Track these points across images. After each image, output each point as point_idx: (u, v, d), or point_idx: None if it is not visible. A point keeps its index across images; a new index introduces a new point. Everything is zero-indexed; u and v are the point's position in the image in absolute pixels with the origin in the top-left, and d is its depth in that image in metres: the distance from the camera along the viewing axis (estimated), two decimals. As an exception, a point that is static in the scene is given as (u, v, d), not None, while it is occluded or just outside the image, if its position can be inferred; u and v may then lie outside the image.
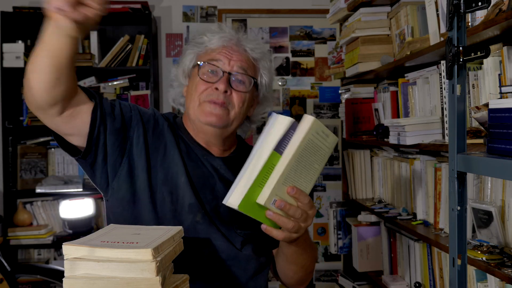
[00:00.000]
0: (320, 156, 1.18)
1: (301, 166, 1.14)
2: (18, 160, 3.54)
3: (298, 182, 1.15)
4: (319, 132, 1.16)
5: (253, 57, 1.40)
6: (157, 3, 3.94)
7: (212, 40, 1.39)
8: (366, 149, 3.04)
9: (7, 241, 3.39)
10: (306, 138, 1.13)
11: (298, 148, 1.12)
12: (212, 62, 1.36)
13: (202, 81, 1.36)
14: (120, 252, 0.95)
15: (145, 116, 1.37)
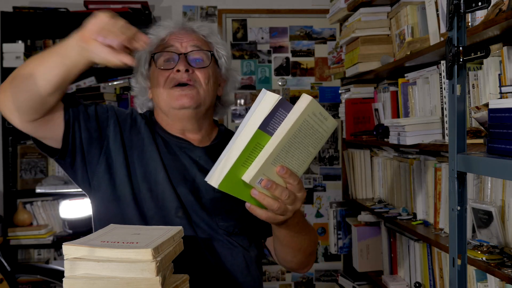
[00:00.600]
0: (315, 139, 1.12)
1: (293, 147, 1.08)
2: (18, 160, 3.54)
3: (289, 163, 1.10)
4: (316, 114, 1.08)
5: (202, 35, 1.42)
6: (157, 3, 3.94)
7: (158, 32, 1.40)
8: (366, 149, 3.04)
9: (7, 241, 3.39)
10: (301, 118, 1.06)
11: (291, 128, 1.05)
12: (165, 50, 1.37)
13: (162, 71, 1.36)
14: (120, 252, 0.95)
15: (121, 115, 1.38)
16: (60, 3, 3.73)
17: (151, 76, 1.41)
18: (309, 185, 4.08)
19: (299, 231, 1.28)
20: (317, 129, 1.10)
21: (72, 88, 3.64)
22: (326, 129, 1.13)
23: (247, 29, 4.05)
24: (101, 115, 1.34)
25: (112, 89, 3.66)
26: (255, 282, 1.38)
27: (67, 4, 3.70)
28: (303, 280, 4.03)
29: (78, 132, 1.29)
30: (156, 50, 1.39)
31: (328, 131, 1.14)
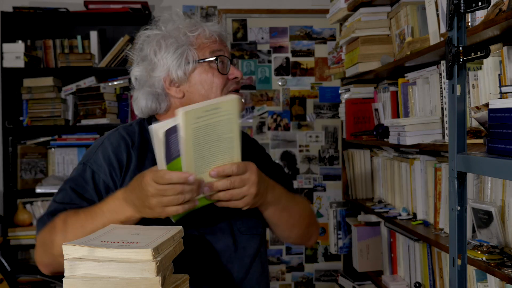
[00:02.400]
0: (225, 127, 1.15)
1: (206, 150, 1.13)
2: (18, 160, 3.54)
3: (215, 162, 1.15)
4: (201, 116, 1.11)
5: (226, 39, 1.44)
6: (157, 3, 3.94)
7: (197, 30, 1.37)
8: (366, 149, 3.04)
9: (7, 241, 3.39)
10: (189, 130, 1.09)
11: (187, 145, 1.09)
12: (222, 55, 1.37)
13: (220, 75, 1.35)
14: (120, 252, 0.95)
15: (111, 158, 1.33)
16: (60, 3, 3.73)
17: (196, 75, 1.35)
18: (309, 185, 4.08)
19: (285, 207, 1.33)
20: (217, 121, 1.13)
21: (72, 88, 3.64)
22: (227, 112, 1.15)
23: (247, 29, 4.05)
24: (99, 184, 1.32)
25: (112, 89, 3.66)
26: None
27: (67, 4, 3.70)
28: (303, 280, 4.03)
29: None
30: (205, 51, 1.35)
31: (230, 112, 1.15)
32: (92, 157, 1.33)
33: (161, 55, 1.34)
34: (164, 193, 1.10)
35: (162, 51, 1.34)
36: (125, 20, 3.68)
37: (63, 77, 3.66)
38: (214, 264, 1.33)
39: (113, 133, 1.38)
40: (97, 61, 3.64)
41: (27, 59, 3.44)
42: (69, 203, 1.28)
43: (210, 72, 1.35)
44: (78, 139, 3.64)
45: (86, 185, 1.30)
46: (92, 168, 1.31)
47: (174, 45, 1.34)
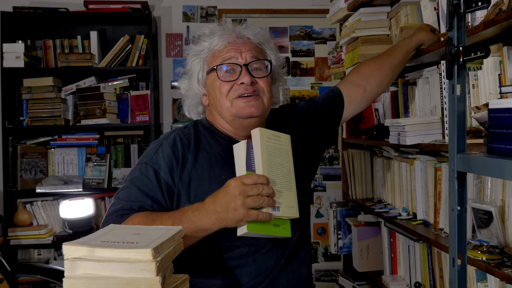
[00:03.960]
0: (284, 156, 1.35)
1: (275, 170, 1.31)
2: (18, 160, 3.54)
3: (279, 185, 1.31)
4: (270, 137, 1.33)
5: (257, 43, 1.46)
6: (157, 3, 3.94)
7: (213, 41, 1.44)
8: (366, 149, 3.04)
9: (7, 241, 3.39)
10: (264, 147, 1.30)
11: (262, 158, 1.29)
12: (225, 62, 1.41)
13: (224, 82, 1.41)
14: (120, 252, 0.95)
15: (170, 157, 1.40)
16: (60, 3, 3.73)
17: (210, 84, 1.45)
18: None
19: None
20: (280, 147, 1.35)
21: (72, 88, 3.64)
22: (285, 143, 1.37)
23: (247, 29, 4.06)
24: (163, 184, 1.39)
25: (112, 89, 3.66)
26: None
27: (67, 4, 3.70)
28: (303, 280, 4.03)
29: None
30: (215, 61, 1.43)
31: (287, 144, 1.38)
32: (153, 157, 1.41)
33: (191, 69, 1.48)
34: (248, 192, 1.23)
35: (189, 66, 1.49)
36: (125, 20, 3.68)
37: (63, 77, 3.67)
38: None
39: (171, 135, 1.47)
40: (97, 61, 3.64)
41: (27, 59, 3.45)
42: (135, 201, 1.34)
43: (217, 80, 1.42)
44: (78, 139, 3.64)
45: (151, 183, 1.37)
46: (154, 167, 1.39)
47: (197, 59, 1.46)
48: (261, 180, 1.26)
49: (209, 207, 1.25)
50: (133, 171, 1.42)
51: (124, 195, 1.37)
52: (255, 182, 1.24)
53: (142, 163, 1.41)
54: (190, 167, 1.39)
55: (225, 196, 1.24)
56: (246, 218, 1.24)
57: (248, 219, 1.24)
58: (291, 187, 1.34)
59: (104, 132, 3.69)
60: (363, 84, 1.74)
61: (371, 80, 1.76)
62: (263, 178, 1.26)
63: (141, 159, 1.44)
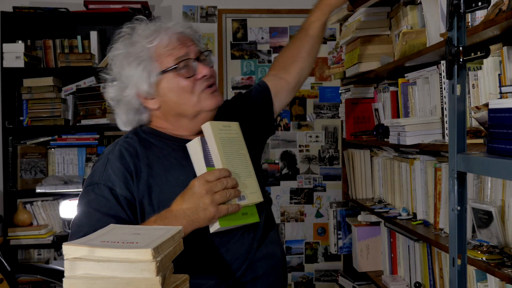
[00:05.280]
0: (238, 143, 1.38)
1: (233, 160, 1.33)
2: (18, 160, 3.54)
3: (240, 173, 1.33)
4: (221, 128, 1.35)
5: (193, 37, 1.45)
6: (157, 3, 3.94)
7: (154, 41, 1.37)
8: (366, 149, 3.04)
9: (7, 241, 3.39)
10: (218, 139, 1.31)
11: (219, 151, 1.30)
12: (181, 59, 1.38)
13: (187, 79, 1.38)
14: (120, 252, 0.95)
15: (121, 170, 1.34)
16: (60, 3, 3.73)
17: (164, 85, 1.38)
18: (309, 185, 4.08)
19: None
20: (232, 136, 1.37)
21: (72, 88, 3.64)
22: (235, 131, 1.40)
23: (247, 29, 4.05)
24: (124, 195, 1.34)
25: (112, 89, 3.66)
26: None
27: (67, 4, 3.70)
28: (303, 280, 4.03)
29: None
30: (167, 60, 1.37)
31: (238, 132, 1.41)
32: (103, 174, 1.34)
33: (127, 74, 1.38)
34: (214, 189, 1.23)
35: (126, 70, 1.38)
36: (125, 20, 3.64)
37: (63, 77, 3.66)
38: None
39: (115, 148, 1.40)
40: (97, 61, 3.64)
41: (27, 59, 3.44)
42: (98, 224, 1.24)
43: (177, 79, 1.38)
44: (78, 139, 3.64)
45: (109, 203, 1.30)
46: (108, 185, 1.32)
47: (136, 62, 1.37)
48: (224, 174, 1.26)
49: (178, 212, 1.23)
50: (85, 194, 1.34)
51: (84, 220, 1.30)
52: (218, 177, 1.24)
53: (93, 184, 1.34)
54: (145, 176, 1.34)
55: (192, 197, 1.23)
56: (217, 215, 1.24)
57: (219, 215, 1.24)
58: (250, 173, 1.37)
59: (104, 132, 3.69)
60: (285, 77, 1.72)
61: (291, 71, 1.74)
62: (225, 172, 1.26)
63: (90, 179, 1.36)
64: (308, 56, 1.77)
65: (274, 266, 1.43)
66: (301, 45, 1.77)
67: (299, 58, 1.76)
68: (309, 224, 4.05)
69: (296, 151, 4.07)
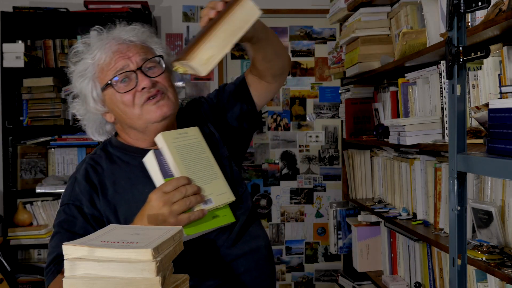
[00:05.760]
0: (198, 148, 1.34)
1: (193, 166, 1.30)
2: (18, 160, 3.54)
3: (203, 178, 1.30)
4: (176, 137, 1.31)
5: (141, 41, 1.39)
6: (157, 3, 3.94)
7: (96, 56, 1.35)
8: (366, 149, 3.04)
9: (7, 241, 3.39)
10: (173, 148, 1.28)
11: (175, 160, 1.27)
12: (118, 74, 1.33)
13: (125, 94, 1.33)
14: (120, 252, 0.95)
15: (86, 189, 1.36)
16: (60, 3, 3.73)
17: (109, 100, 1.37)
18: (309, 185, 4.08)
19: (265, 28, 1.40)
20: (190, 142, 1.33)
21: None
22: (194, 136, 1.36)
23: (247, 29, 4.06)
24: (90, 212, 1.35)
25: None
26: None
27: (67, 4, 3.70)
28: (303, 280, 4.03)
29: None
30: (106, 76, 1.35)
31: (197, 136, 1.37)
32: (72, 194, 1.37)
33: (81, 92, 1.40)
34: (172, 199, 1.20)
35: (78, 88, 1.40)
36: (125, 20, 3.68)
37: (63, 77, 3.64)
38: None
39: (81, 166, 1.42)
40: (97, 61, 3.63)
41: (27, 59, 3.44)
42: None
43: (117, 93, 1.35)
44: (78, 139, 3.64)
45: (78, 222, 1.33)
46: (76, 204, 1.35)
47: (82, 79, 1.38)
48: (182, 182, 1.22)
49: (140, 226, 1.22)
50: (58, 214, 1.37)
51: (56, 241, 1.32)
52: (176, 187, 1.21)
53: (64, 204, 1.37)
54: (111, 192, 1.35)
55: (151, 211, 1.21)
56: (178, 225, 1.20)
57: (181, 224, 1.20)
58: (216, 174, 1.33)
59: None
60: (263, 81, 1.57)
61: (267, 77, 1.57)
62: (183, 180, 1.23)
63: (62, 199, 1.39)
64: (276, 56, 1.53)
65: (257, 260, 1.40)
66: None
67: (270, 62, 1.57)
68: (309, 224, 4.05)
69: (296, 151, 4.07)
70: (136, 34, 1.39)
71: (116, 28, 1.41)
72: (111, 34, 1.39)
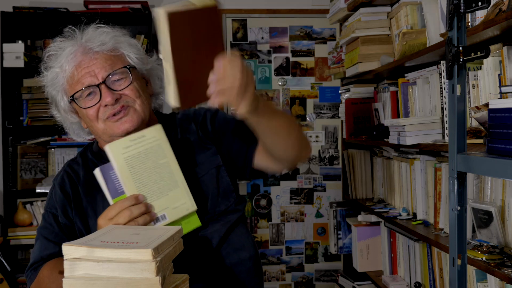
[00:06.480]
0: (156, 154, 1.20)
1: (146, 178, 1.19)
2: (18, 160, 3.53)
3: (159, 190, 1.19)
4: (127, 146, 1.19)
5: (110, 49, 1.32)
6: (157, 3, 3.94)
7: (62, 66, 1.32)
8: (366, 149, 3.04)
9: (7, 241, 3.39)
10: (122, 162, 1.17)
11: (124, 175, 1.17)
12: (79, 88, 1.29)
13: (88, 108, 1.30)
14: (120, 252, 0.95)
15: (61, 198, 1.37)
16: (60, 3, 3.73)
17: (78, 110, 1.34)
18: (309, 185, 4.08)
19: (276, 107, 1.29)
20: (145, 148, 1.20)
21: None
22: (153, 138, 1.21)
23: (247, 29, 4.05)
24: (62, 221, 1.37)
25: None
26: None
27: (67, 4, 3.70)
28: (303, 280, 4.03)
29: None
30: (71, 90, 1.31)
31: (158, 138, 1.21)
32: (50, 201, 1.40)
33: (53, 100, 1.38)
34: (118, 222, 1.16)
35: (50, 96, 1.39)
36: (125, 20, 3.68)
37: (63, 77, 3.66)
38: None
39: (60, 173, 1.42)
40: (97, 61, 3.63)
41: (27, 59, 3.44)
42: (45, 251, 1.33)
43: (81, 108, 1.32)
44: (78, 139, 3.64)
45: (54, 230, 1.36)
46: (52, 212, 1.38)
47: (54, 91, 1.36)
48: (126, 204, 1.16)
49: None
50: (42, 219, 1.41)
51: (35, 248, 1.37)
52: (119, 211, 1.15)
53: (45, 211, 1.40)
54: (84, 203, 1.34)
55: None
56: None
57: None
58: (176, 183, 1.21)
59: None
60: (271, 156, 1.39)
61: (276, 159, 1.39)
62: (128, 202, 1.16)
63: (45, 204, 1.42)
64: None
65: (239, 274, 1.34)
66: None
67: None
68: (309, 224, 4.05)
69: (296, 151, 4.07)
70: (101, 42, 1.32)
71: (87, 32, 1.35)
72: (81, 39, 1.34)
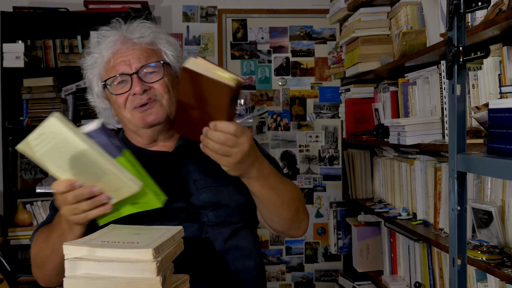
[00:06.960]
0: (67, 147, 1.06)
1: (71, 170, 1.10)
2: (18, 160, 3.54)
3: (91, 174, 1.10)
4: (34, 144, 1.06)
5: (147, 43, 1.37)
6: (157, 3, 3.94)
7: (101, 53, 1.37)
8: (366, 149, 3.04)
9: (7, 241, 3.39)
10: (37, 159, 1.08)
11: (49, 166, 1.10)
12: (113, 75, 1.33)
13: (118, 95, 1.34)
14: (121, 252, 0.95)
15: None
16: (60, 3, 3.73)
17: (109, 97, 1.39)
18: (309, 185, 4.08)
19: (272, 186, 1.25)
20: (54, 143, 1.06)
21: (72, 88, 3.64)
22: (55, 133, 1.05)
23: (247, 29, 4.05)
24: None
25: (112, 89, 3.66)
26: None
27: (67, 4, 3.70)
28: (303, 280, 4.03)
29: None
30: (107, 74, 1.36)
31: (59, 131, 1.05)
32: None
33: (90, 84, 1.44)
34: (65, 201, 1.13)
35: (88, 80, 1.44)
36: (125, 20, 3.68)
37: (63, 77, 3.66)
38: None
39: None
40: (97, 61, 3.63)
41: (27, 59, 3.44)
42: (52, 219, 1.33)
43: (112, 94, 1.37)
44: (78, 139, 3.64)
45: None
46: None
47: (91, 75, 1.41)
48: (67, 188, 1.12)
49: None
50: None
51: (46, 218, 1.40)
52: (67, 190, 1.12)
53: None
54: None
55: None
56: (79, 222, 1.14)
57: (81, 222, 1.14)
58: (103, 170, 1.09)
59: (104, 132, 3.68)
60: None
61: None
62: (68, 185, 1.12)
63: None
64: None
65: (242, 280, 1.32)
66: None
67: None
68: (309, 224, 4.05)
69: (296, 151, 4.07)
70: (140, 37, 1.37)
71: (131, 25, 1.41)
72: (123, 30, 1.39)
